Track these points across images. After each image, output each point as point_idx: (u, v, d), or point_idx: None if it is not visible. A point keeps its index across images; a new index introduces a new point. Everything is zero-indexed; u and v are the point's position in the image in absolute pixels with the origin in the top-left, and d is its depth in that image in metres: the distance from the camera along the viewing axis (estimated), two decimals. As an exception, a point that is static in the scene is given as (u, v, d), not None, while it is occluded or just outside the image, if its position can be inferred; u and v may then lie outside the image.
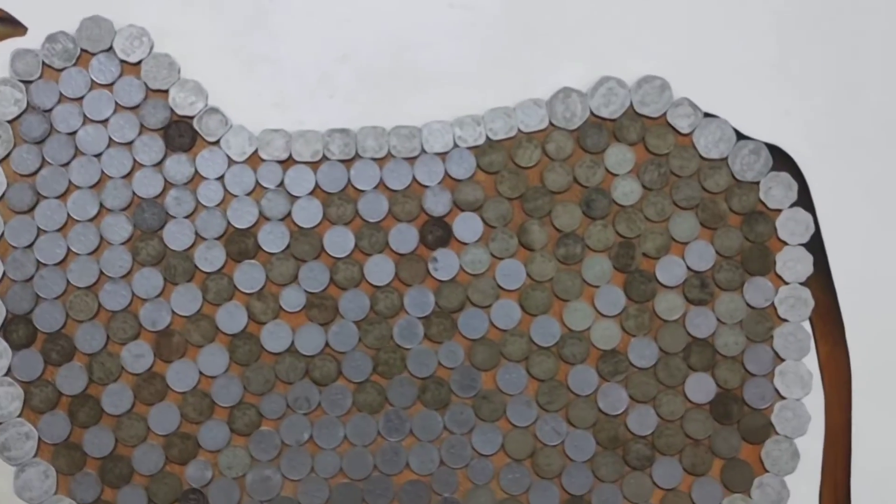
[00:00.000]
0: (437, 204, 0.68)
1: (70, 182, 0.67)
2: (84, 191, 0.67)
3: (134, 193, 0.67)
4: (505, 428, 0.68)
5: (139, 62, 0.67)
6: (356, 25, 0.69)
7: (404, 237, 0.68)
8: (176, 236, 0.67)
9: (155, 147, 0.67)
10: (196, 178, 0.67)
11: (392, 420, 0.67)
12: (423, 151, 0.68)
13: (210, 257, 0.67)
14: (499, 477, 0.67)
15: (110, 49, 0.67)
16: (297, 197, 0.68)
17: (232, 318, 0.67)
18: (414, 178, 0.68)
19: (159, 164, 0.67)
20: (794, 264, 0.68)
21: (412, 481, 0.67)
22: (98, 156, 0.67)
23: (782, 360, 0.68)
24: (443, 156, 0.68)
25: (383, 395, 0.67)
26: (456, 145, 0.68)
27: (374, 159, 0.68)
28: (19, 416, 0.66)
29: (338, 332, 0.67)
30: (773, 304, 0.68)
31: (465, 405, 0.68)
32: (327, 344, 0.67)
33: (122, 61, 0.67)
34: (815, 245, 0.69)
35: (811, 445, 0.68)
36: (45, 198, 0.67)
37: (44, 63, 0.66)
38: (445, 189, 0.68)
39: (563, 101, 0.68)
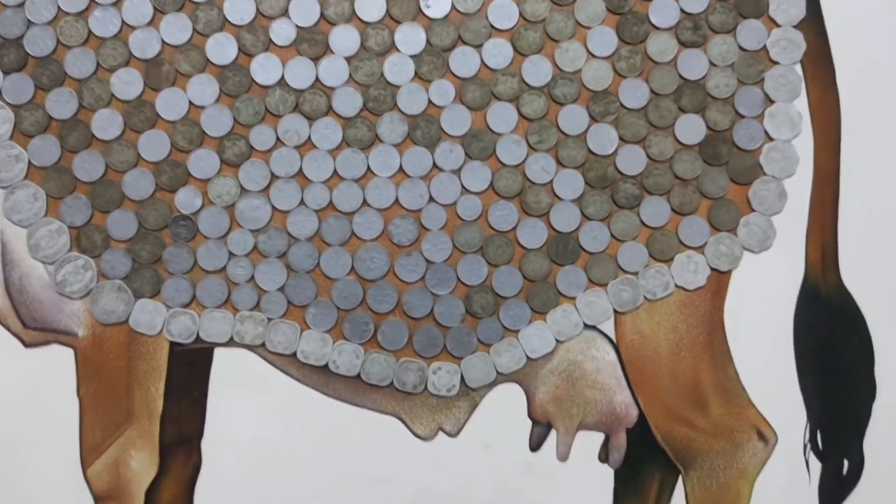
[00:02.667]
0: (429, -60, 0.67)
1: None
2: (72, -85, 0.66)
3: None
4: (494, 167, 0.68)
5: None
6: None
7: (396, -26, 0.67)
8: (165, -35, 0.67)
9: None
10: None
11: (382, 156, 0.67)
12: None
13: (200, -13, 0.67)
14: (487, 214, 0.68)
15: None
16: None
17: (222, 49, 0.67)
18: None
19: None
20: (788, 7, 0.68)
21: (402, 216, 0.68)
22: None
23: (773, 101, 0.68)
24: None
25: (373, 131, 0.67)
26: None
27: None
28: (10, 138, 0.66)
29: (328, 67, 0.67)
30: (765, 46, 0.68)
31: (455, 143, 0.68)
32: (317, 78, 0.67)
33: None
34: (809, -12, 0.68)
35: (799, 187, 0.69)
36: (33, -79, 0.66)
37: None
38: (437, -76, 0.67)
39: None
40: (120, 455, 0.66)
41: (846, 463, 0.69)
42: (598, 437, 0.68)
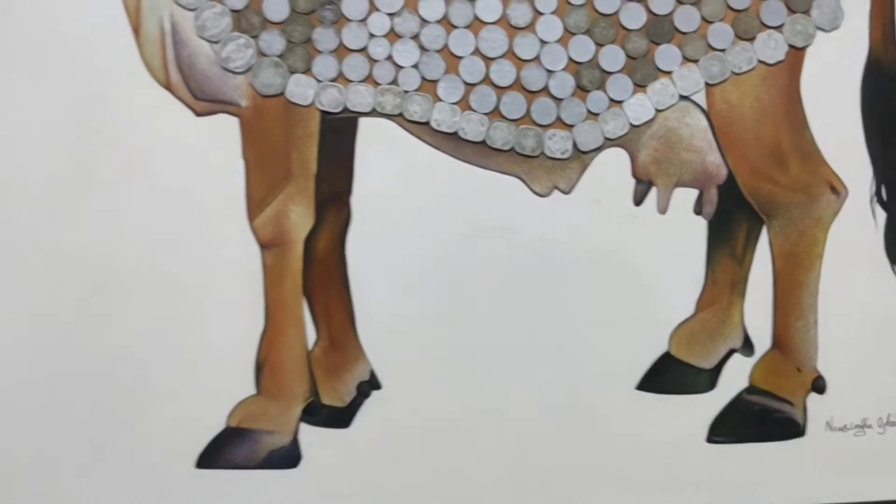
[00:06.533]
0: None
1: None
2: None
3: None
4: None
5: None
6: None
7: None
8: None
9: None
10: None
11: (500, -50, 0.76)
12: None
13: None
14: None
15: None
16: None
17: None
18: None
19: None
20: None
21: (518, 1, 0.76)
22: None
23: None
24: None
25: (492, -72, 0.76)
26: None
27: None
28: (178, -68, 0.75)
29: None
30: None
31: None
32: None
33: None
34: None
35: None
36: None
37: None
38: None
39: None
40: (281, 209, 0.75)
41: (908, 212, 0.78)
42: (692, 193, 0.78)
